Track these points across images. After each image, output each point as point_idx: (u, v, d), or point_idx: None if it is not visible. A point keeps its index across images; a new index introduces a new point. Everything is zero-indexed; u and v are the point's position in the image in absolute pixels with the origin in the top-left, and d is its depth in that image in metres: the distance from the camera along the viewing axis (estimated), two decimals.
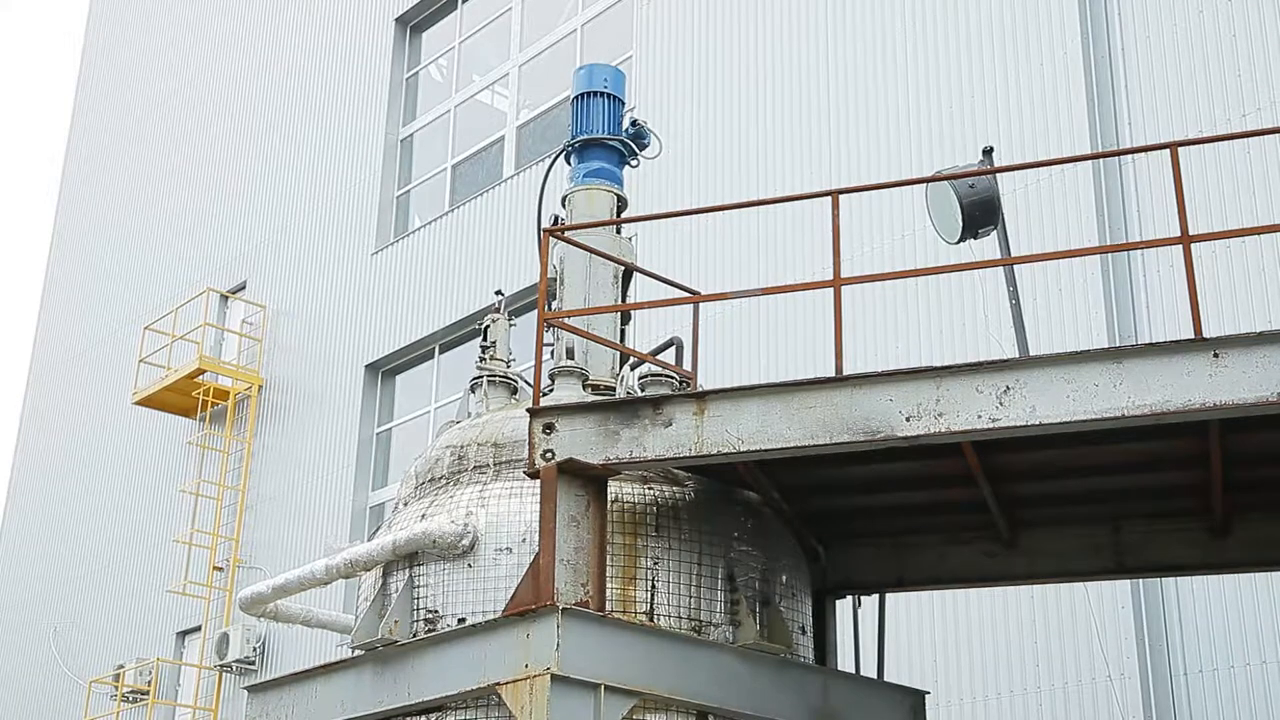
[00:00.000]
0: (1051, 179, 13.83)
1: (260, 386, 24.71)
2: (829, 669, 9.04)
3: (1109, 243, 13.01)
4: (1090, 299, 13.24)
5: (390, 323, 22.50)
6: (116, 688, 23.92)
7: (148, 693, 23.41)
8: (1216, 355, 6.73)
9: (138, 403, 25.81)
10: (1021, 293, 10.49)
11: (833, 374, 7.43)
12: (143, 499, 26.52)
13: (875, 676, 9.37)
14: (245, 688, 9.12)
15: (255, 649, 21.77)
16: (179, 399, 25.21)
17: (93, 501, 27.96)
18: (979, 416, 7.02)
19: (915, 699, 8.94)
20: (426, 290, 21.99)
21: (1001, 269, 10.72)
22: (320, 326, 23.98)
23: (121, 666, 24.26)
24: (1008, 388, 7.00)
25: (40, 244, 58.55)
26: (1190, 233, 7.33)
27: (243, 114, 27.41)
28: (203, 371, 24.72)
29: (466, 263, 21.42)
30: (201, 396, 24.71)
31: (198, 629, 23.60)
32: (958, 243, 9.68)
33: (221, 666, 22.07)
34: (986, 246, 10.46)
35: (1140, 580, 12.11)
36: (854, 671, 9.31)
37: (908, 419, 7.11)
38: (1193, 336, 6.91)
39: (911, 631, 13.65)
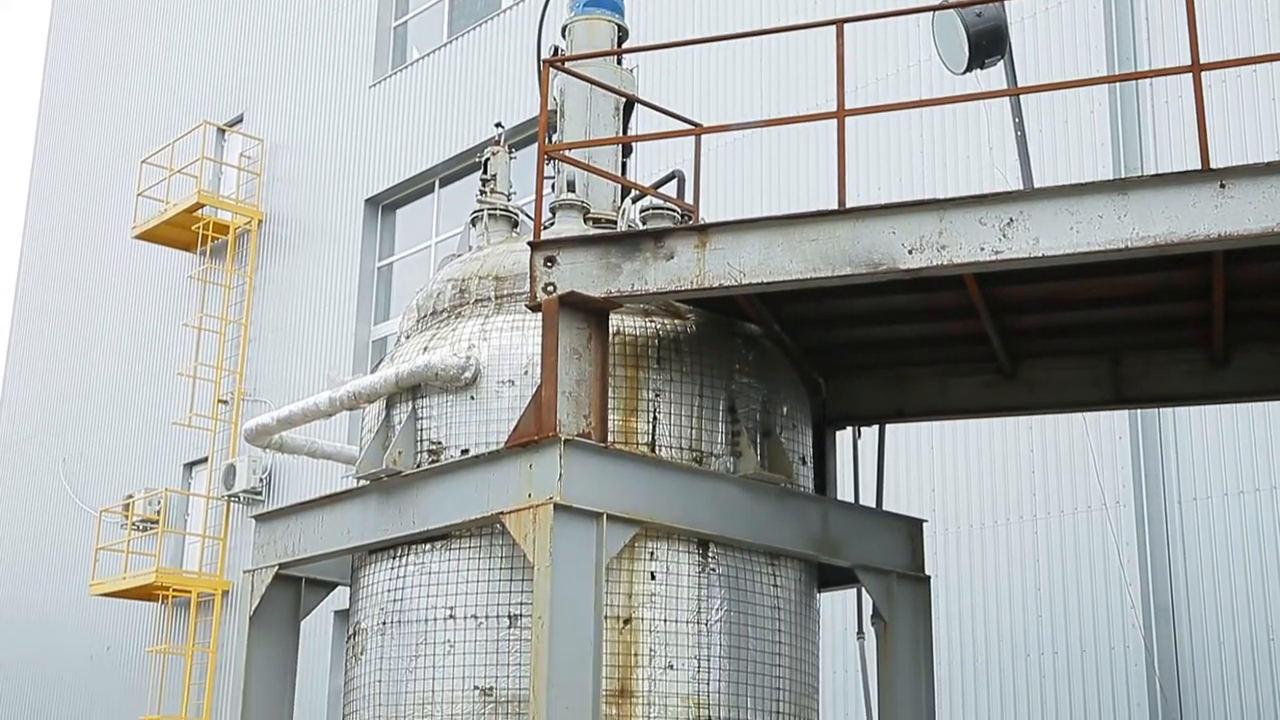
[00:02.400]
0: (1060, 7, 13.59)
1: (260, 221, 24.62)
2: (829, 498, 9.16)
3: (1117, 72, 12.83)
4: (1097, 131, 13.11)
5: (390, 156, 22.32)
6: (126, 517, 24.29)
7: (157, 522, 23.78)
8: (1223, 186, 6.68)
9: (137, 237, 25.76)
10: (1027, 124, 10.38)
11: (835, 206, 7.38)
12: (146, 333, 26.63)
13: (874, 506, 9.49)
14: (253, 517, 9.26)
15: (262, 480, 22.06)
16: (179, 233, 25.15)
17: (96, 335, 28.08)
18: (982, 249, 6.99)
19: (913, 527, 9.07)
20: (426, 123, 21.77)
21: (1007, 100, 10.59)
22: (319, 160, 23.79)
23: (130, 497, 24.62)
24: (1011, 220, 6.96)
25: (33, 76, 57.77)
26: (1200, 62, 7.22)
27: None
28: (201, 206, 24.61)
29: (466, 95, 21.16)
30: (201, 231, 24.64)
31: (204, 460, 23.88)
32: (964, 73, 9.54)
33: (229, 497, 22.40)
34: (993, 77, 10.32)
35: (1138, 411, 12.21)
36: (853, 501, 9.43)
37: (910, 251, 7.08)
38: (1200, 167, 6.85)
39: (910, 462, 13.81)
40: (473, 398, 8.11)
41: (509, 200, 9.64)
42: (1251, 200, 6.61)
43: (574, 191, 9.09)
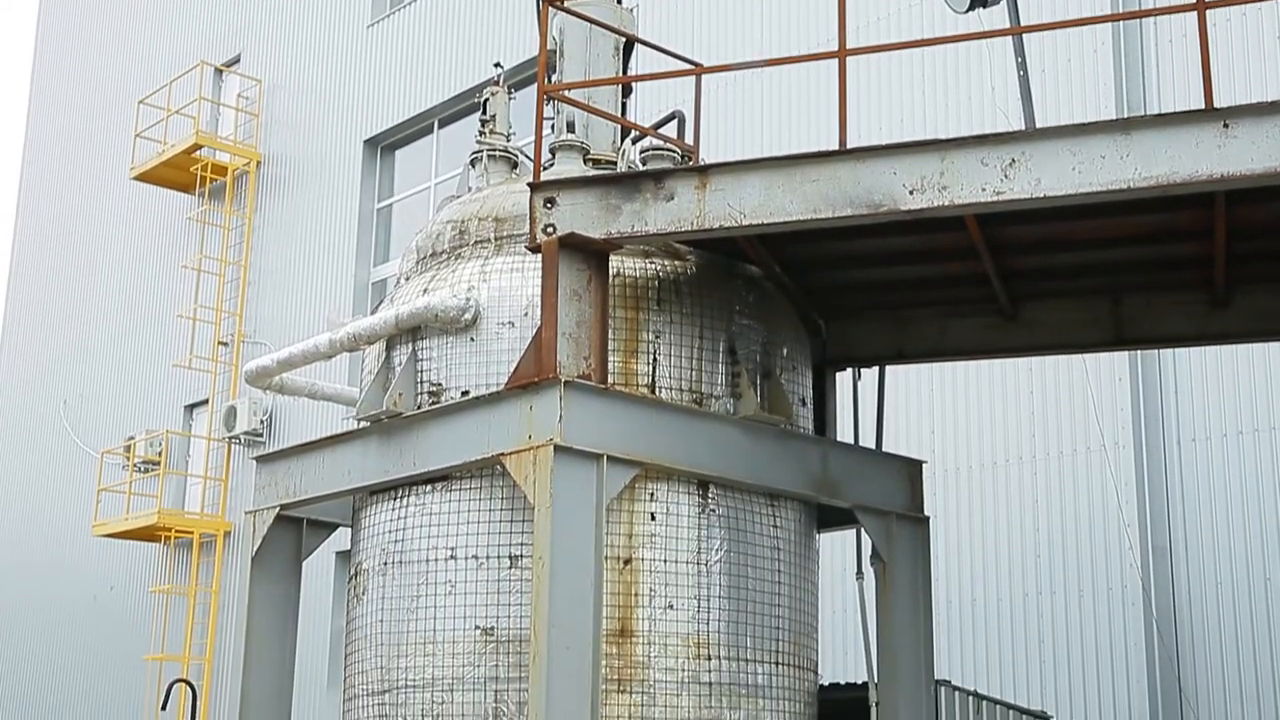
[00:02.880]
0: None
1: (258, 162, 24.53)
2: (828, 440, 9.18)
3: (1120, 11, 12.74)
4: (1100, 70, 13.03)
5: (388, 97, 22.20)
6: (127, 459, 24.35)
7: (158, 464, 23.84)
8: (1226, 125, 6.64)
9: (136, 178, 25.66)
10: (1029, 64, 10.31)
11: (836, 147, 7.35)
12: (145, 275, 26.60)
13: (874, 447, 9.51)
14: (254, 458, 9.28)
15: (263, 421, 22.11)
16: (177, 174, 25.05)
17: (96, 277, 28.06)
18: (983, 189, 6.96)
19: (913, 468, 9.09)
20: (424, 64, 21.63)
21: (1010, 39, 10.52)
22: (317, 101, 23.67)
23: (132, 438, 24.67)
24: (1013, 160, 6.93)
25: (29, 16, 57.36)
26: (1205, 0, 7.16)
27: None
28: (199, 147, 24.51)
29: (465, 35, 21.02)
30: (199, 172, 24.54)
31: (205, 402, 23.92)
32: (966, 12, 9.48)
33: (230, 438, 22.45)
34: (995, 16, 10.25)
35: (1138, 352, 12.22)
36: (853, 442, 9.45)
37: (911, 192, 7.05)
38: (1203, 107, 6.81)
39: (910, 403, 13.83)
40: (473, 339, 8.10)
41: (508, 141, 9.59)
42: (1255, 140, 6.58)
43: (574, 132, 9.05)
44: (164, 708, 15.34)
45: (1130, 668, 12.22)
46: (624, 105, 9.65)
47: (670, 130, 9.51)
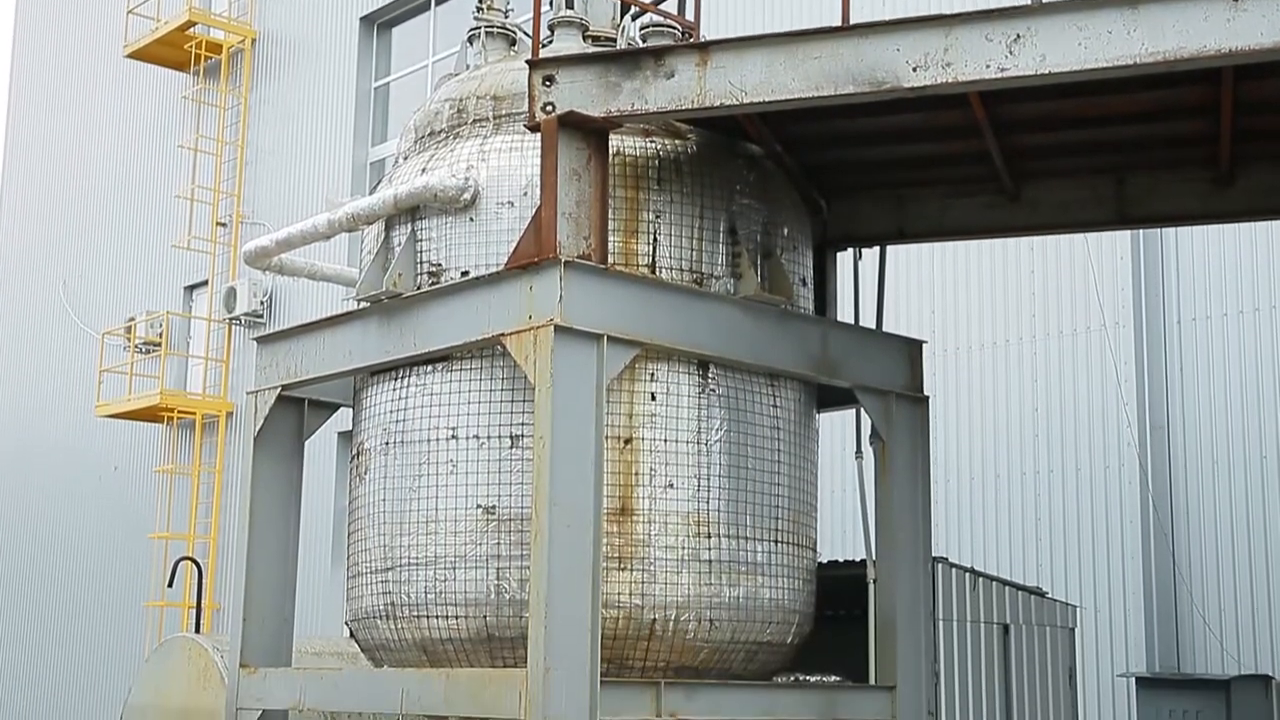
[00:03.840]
0: None
1: (253, 40, 24.22)
2: (828, 319, 9.17)
3: None
4: None
5: None
6: (128, 340, 24.39)
7: (159, 345, 23.89)
8: None
9: (129, 56, 25.36)
10: None
11: (839, 23, 7.24)
12: (142, 155, 26.41)
13: (874, 327, 9.51)
14: (254, 339, 9.29)
15: (263, 302, 22.11)
16: (171, 52, 24.76)
17: (92, 158, 27.86)
18: (987, 66, 6.87)
19: (913, 348, 9.09)
20: None
21: None
22: None
23: (132, 319, 24.67)
24: (1018, 36, 6.82)
25: None
26: None
27: None
28: (193, 24, 24.18)
29: None
30: (194, 50, 24.25)
31: (204, 283, 23.91)
32: None
33: (230, 319, 22.46)
34: None
35: (1140, 231, 12.17)
36: (853, 322, 9.44)
37: (914, 69, 6.96)
38: None
39: (910, 283, 13.81)
40: (472, 219, 8.06)
41: (506, 18, 9.45)
42: (1265, 14, 6.47)
43: (573, 8, 8.91)
44: (170, 585, 15.54)
45: (1126, 545, 12.35)
46: None
47: (671, 6, 9.37)
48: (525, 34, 9.22)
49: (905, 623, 8.54)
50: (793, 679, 8.30)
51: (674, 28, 8.90)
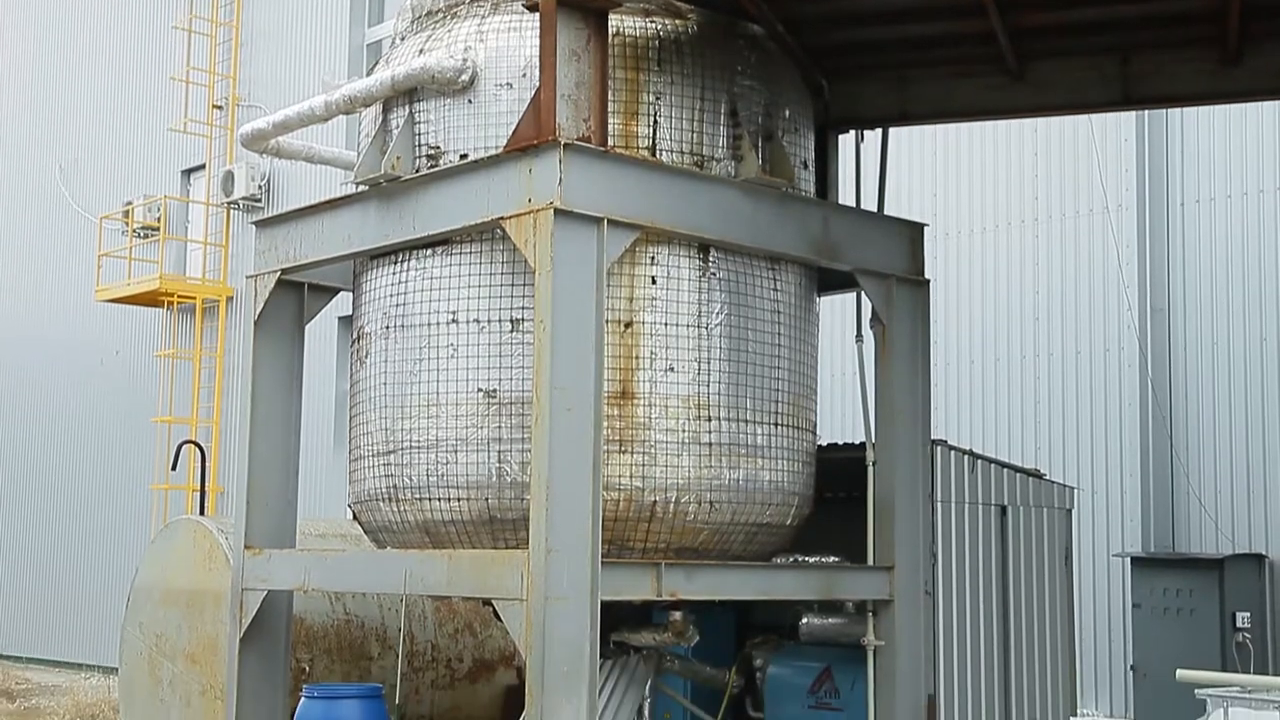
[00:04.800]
0: None
1: None
2: (829, 202, 9.12)
3: None
4: None
5: None
6: (127, 224, 24.29)
7: (157, 229, 23.80)
8: None
9: None
10: None
11: None
12: (135, 35, 26.08)
13: (875, 210, 9.46)
14: (253, 223, 9.25)
15: (261, 186, 21.98)
16: None
17: (85, 38, 27.51)
18: None
19: (914, 231, 9.05)
20: None
21: None
22: None
23: (129, 203, 24.55)
24: None
25: None
26: None
27: None
28: None
29: None
30: None
31: (201, 167, 23.75)
32: None
33: (228, 203, 22.36)
34: None
35: (1146, 113, 12.06)
36: (854, 205, 9.39)
37: None
38: None
39: (913, 166, 13.72)
40: (470, 101, 7.98)
41: None
42: None
43: None
44: (174, 468, 15.65)
45: (1124, 427, 12.41)
46: None
47: None
48: None
49: (904, 504, 8.61)
50: (792, 560, 8.39)
51: None
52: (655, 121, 7.93)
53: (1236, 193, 11.93)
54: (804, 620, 9.14)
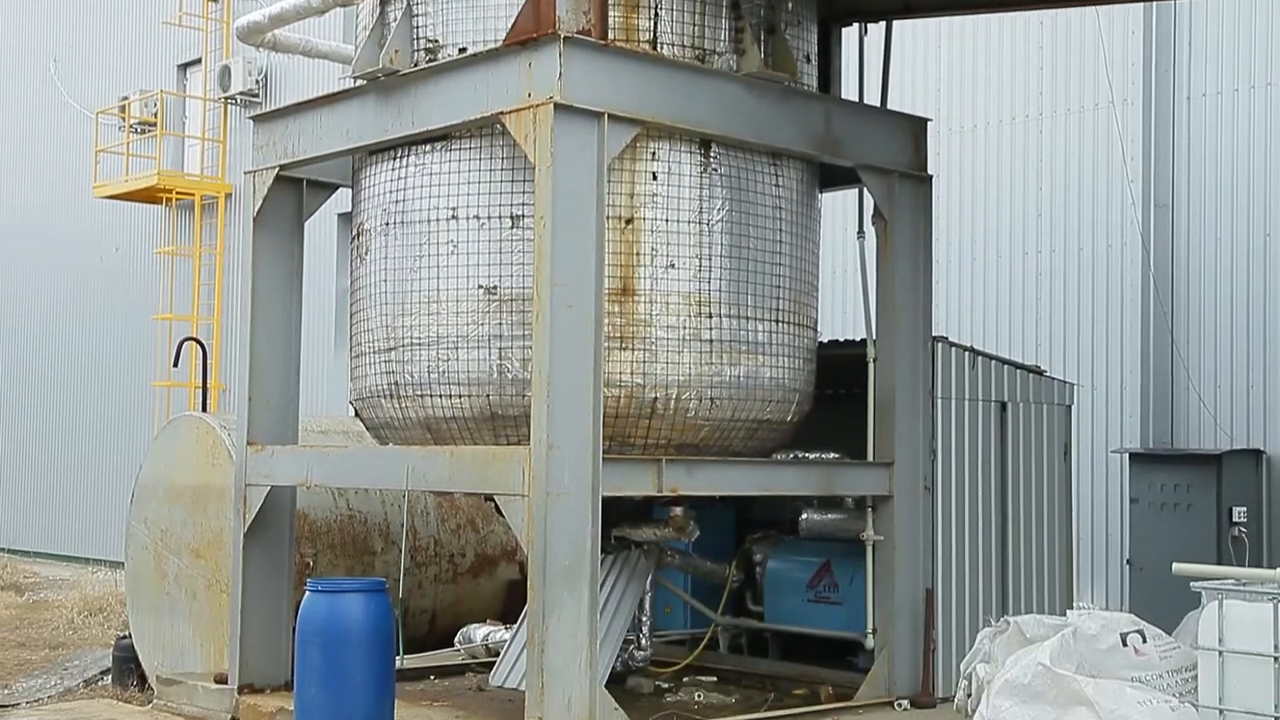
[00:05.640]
0: None
1: None
2: (832, 97, 9.04)
3: None
4: None
5: None
6: (123, 119, 24.07)
7: (154, 124, 23.60)
8: None
9: None
10: None
11: None
12: None
13: (878, 105, 9.37)
14: (250, 118, 9.17)
15: (258, 81, 21.74)
16: None
17: None
18: None
19: (917, 126, 8.98)
20: None
21: None
22: None
23: (126, 98, 24.31)
24: None
25: None
26: None
27: None
28: None
29: None
30: None
31: (198, 61, 23.49)
32: None
33: (226, 98, 22.14)
34: None
35: (1153, 3, 11.89)
36: (857, 100, 9.30)
37: None
38: None
39: (916, 60, 13.56)
40: None
41: None
42: None
43: None
44: (175, 365, 15.66)
45: (1125, 324, 12.38)
46: None
47: None
48: None
49: (904, 401, 8.64)
50: (792, 456, 8.43)
51: None
52: (656, 14, 7.83)
53: (1244, 86, 11.80)
54: (803, 516, 9.21)
